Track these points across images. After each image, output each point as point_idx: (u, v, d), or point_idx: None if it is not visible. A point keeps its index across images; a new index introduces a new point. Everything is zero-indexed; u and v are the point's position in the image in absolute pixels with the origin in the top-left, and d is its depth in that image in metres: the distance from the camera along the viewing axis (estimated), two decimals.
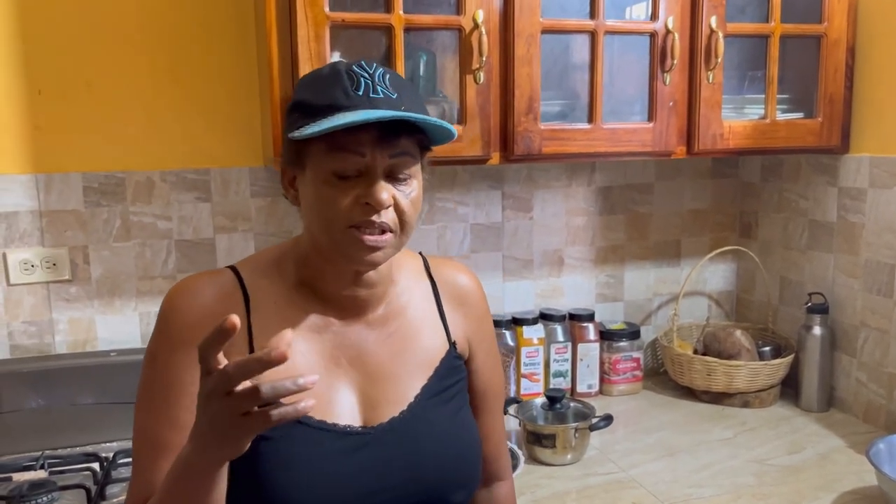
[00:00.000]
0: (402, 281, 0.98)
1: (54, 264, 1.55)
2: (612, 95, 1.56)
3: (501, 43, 1.41)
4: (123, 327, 1.62)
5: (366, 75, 0.84)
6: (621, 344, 1.87)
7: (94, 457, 1.45)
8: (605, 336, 1.88)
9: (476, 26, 1.37)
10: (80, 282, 1.58)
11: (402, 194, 0.85)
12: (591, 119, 1.50)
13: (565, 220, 1.91)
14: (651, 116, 1.53)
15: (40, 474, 1.39)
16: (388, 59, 1.38)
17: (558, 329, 1.84)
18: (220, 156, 1.64)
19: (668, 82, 1.52)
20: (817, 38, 1.61)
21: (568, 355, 1.84)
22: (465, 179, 1.81)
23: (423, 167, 0.90)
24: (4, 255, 1.53)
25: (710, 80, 1.54)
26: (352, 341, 0.93)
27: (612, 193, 1.94)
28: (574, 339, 1.85)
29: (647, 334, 1.99)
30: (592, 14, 1.47)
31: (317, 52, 1.30)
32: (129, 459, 1.43)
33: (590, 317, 1.87)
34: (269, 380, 0.66)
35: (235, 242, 1.66)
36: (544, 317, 1.85)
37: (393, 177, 0.84)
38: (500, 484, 1.12)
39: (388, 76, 0.86)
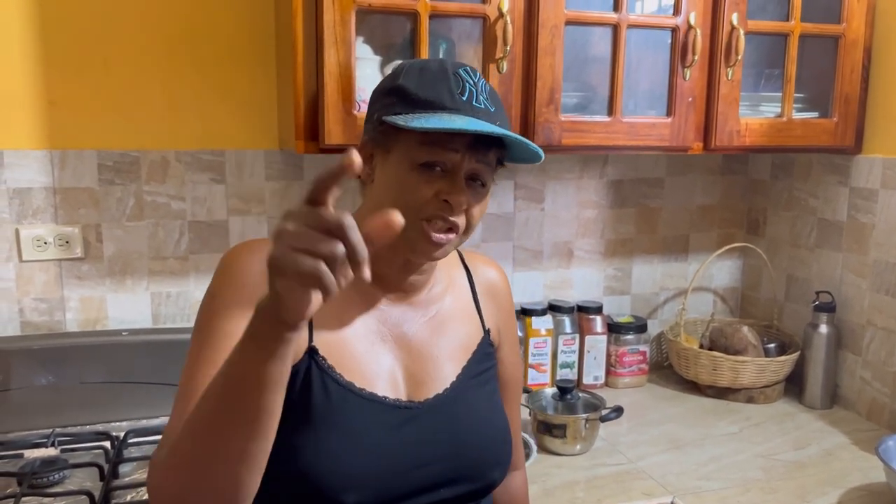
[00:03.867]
0: (443, 268, 1.02)
1: (67, 242, 1.54)
2: (631, 89, 1.56)
3: (525, 33, 1.41)
4: (135, 307, 1.61)
5: (471, 82, 0.89)
6: (628, 337, 1.88)
7: (106, 435, 1.45)
8: (613, 329, 1.89)
9: (501, 15, 1.37)
10: (93, 260, 1.57)
11: (476, 200, 0.89)
12: (610, 112, 1.50)
13: (576, 212, 1.91)
14: (670, 111, 1.53)
15: (51, 452, 1.39)
16: (412, 46, 1.38)
17: (566, 321, 1.85)
18: (236, 138, 1.63)
19: (687, 78, 1.52)
20: (835, 38, 1.62)
21: (575, 347, 1.85)
22: None
23: (494, 179, 0.94)
24: (17, 232, 1.51)
25: (730, 77, 1.54)
26: (397, 319, 0.96)
27: (623, 187, 1.94)
28: (582, 331, 1.86)
29: (652, 328, 2.00)
30: (616, 7, 1.47)
31: (342, 37, 1.29)
32: (140, 440, 1.45)
33: (598, 309, 1.88)
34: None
35: (249, 225, 1.65)
36: (553, 308, 1.85)
37: (471, 181, 0.89)
38: (514, 473, 1.15)
39: (487, 88, 0.91)
